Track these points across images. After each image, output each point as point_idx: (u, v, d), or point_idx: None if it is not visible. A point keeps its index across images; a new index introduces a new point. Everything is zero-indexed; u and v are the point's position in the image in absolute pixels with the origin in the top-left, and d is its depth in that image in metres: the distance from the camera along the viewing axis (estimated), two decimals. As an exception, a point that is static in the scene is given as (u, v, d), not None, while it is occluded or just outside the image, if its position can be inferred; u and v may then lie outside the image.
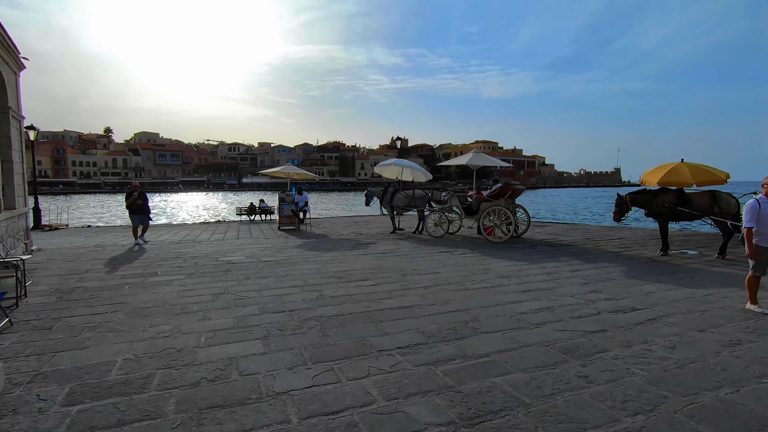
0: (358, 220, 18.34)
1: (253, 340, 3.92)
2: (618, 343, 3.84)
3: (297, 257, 8.58)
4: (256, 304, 5.17)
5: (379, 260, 8.21)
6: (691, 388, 3.00)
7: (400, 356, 3.55)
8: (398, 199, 12.73)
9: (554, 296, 5.46)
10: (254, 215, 18.29)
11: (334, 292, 5.70)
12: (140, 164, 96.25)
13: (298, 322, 4.46)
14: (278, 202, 14.36)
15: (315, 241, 11.30)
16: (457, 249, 9.61)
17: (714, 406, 2.77)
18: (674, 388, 2.99)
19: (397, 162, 13.53)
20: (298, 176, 16.08)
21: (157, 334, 4.11)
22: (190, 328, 4.26)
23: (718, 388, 2.99)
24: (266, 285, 6.16)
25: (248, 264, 7.81)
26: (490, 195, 10.89)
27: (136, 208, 10.57)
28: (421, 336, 4.03)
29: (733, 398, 2.87)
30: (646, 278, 6.51)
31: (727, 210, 8.26)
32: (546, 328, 4.26)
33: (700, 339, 3.94)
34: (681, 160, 8.78)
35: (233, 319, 4.55)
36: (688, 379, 3.13)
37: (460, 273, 6.94)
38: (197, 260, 8.23)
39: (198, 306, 5.07)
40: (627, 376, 3.16)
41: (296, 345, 3.81)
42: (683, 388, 2.98)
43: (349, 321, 4.49)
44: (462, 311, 4.82)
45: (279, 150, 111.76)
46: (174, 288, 5.98)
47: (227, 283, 6.31)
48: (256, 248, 9.85)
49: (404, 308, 4.96)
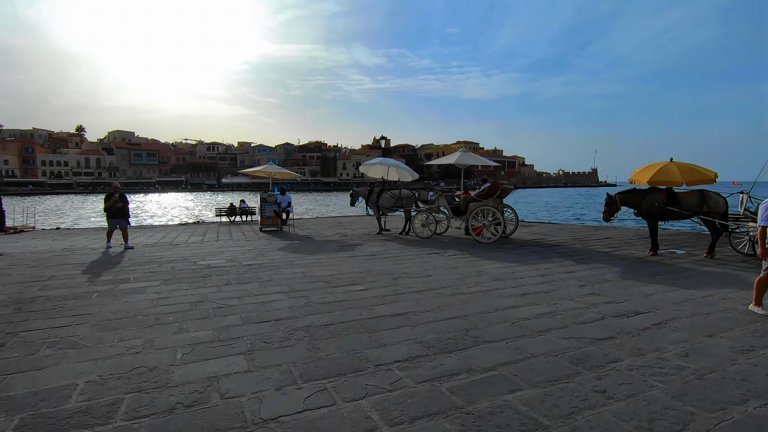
0: (342, 220, 17.95)
1: (235, 356, 3.54)
2: (629, 351, 3.62)
3: (281, 260, 8.17)
4: (238, 313, 4.77)
5: (367, 263, 7.88)
6: (717, 402, 2.77)
7: (400, 371, 3.23)
8: (384, 199, 12.42)
9: (553, 300, 5.23)
10: (234, 216, 17.70)
11: (323, 299, 5.34)
12: (114, 164, 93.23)
13: (285, 333, 4.09)
14: (260, 203, 13.87)
15: (299, 242, 10.88)
16: (446, 250, 9.35)
17: (746, 422, 2.55)
18: (699, 402, 2.76)
19: (383, 161, 13.23)
20: (281, 176, 15.59)
21: (126, 350, 3.68)
22: (165, 343, 3.84)
23: (745, 402, 2.78)
24: (249, 291, 5.75)
25: (229, 268, 7.37)
26: (478, 195, 10.69)
27: (115, 211, 9.84)
28: (420, 347, 3.72)
29: (763, 412, 2.65)
30: (642, 279, 6.37)
31: (716, 209, 8.25)
32: (551, 335, 4.01)
33: (711, 345, 3.75)
34: (670, 160, 8.74)
35: (213, 331, 4.14)
36: (711, 391, 2.91)
37: (453, 276, 6.67)
38: (174, 265, 7.73)
39: (174, 316, 4.63)
40: (646, 390, 2.92)
41: (284, 360, 3.45)
42: (709, 403, 2.76)
43: (341, 331, 4.15)
44: (460, 318, 4.54)
45: (259, 150, 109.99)
46: (147, 296, 5.51)
47: (206, 289, 5.87)
48: (237, 251, 9.38)
49: (399, 315, 4.64)
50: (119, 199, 9.90)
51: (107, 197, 9.91)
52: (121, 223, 10.01)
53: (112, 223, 9.92)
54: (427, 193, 12.10)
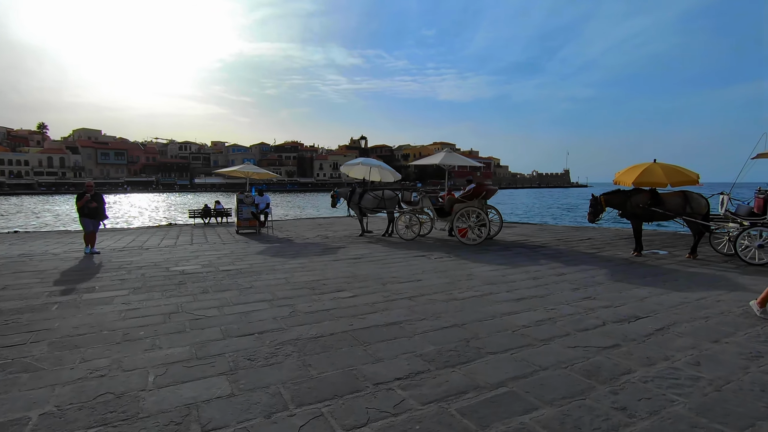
0: (322, 222, 17.53)
1: (216, 377, 3.17)
2: (638, 360, 3.44)
3: (261, 265, 7.74)
4: (217, 325, 4.37)
5: (353, 267, 7.56)
6: (743, 417, 2.61)
7: (402, 390, 2.94)
8: (367, 201, 12.13)
9: (550, 305, 5.06)
10: (209, 218, 17.03)
11: (309, 307, 4.99)
12: (80, 163, 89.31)
13: (270, 348, 3.73)
14: (236, 204, 13.32)
15: (279, 245, 10.44)
16: (432, 252, 9.13)
17: (777, 441, 2.38)
18: (725, 419, 2.59)
19: (365, 161, 12.92)
20: (258, 176, 15.05)
21: (90, 372, 3.25)
22: (135, 363, 3.42)
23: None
24: (228, 300, 5.34)
25: (205, 274, 6.90)
26: (463, 196, 10.53)
27: (89, 211, 9.10)
28: (421, 361, 3.44)
29: (792, 428, 2.50)
30: (632, 281, 6.30)
31: (698, 210, 8.32)
32: (555, 344, 3.80)
33: (719, 352, 3.62)
34: (653, 161, 8.79)
35: (190, 347, 3.74)
36: (733, 405, 2.75)
37: (444, 280, 6.43)
38: (144, 271, 7.20)
39: (145, 330, 4.19)
40: (668, 405, 2.73)
41: (272, 380, 3.10)
42: (734, 419, 2.59)
43: (332, 344, 3.82)
44: (458, 326, 4.29)
45: (234, 150, 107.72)
46: (115, 307, 5.03)
47: (181, 298, 5.42)
48: (213, 255, 8.88)
49: (392, 325, 4.35)
50: (92, 198, 9.17)
51: (79, 196, 9.18)
52: (96, 225, 9.33)
53: (87, 224, 9.18)
54: (410, 194, 11.87)
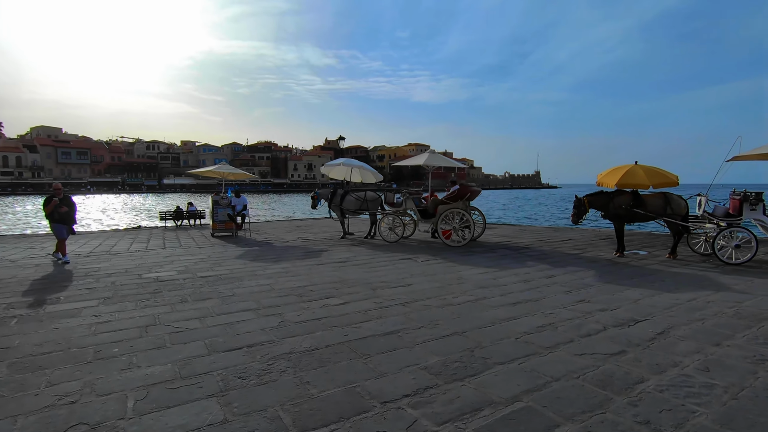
0: (300, 224, 17.11)
1: (205, 399, 2.86)
2: (648, 367, 3.35)
3: (241, 270, 7.36)
4: (200, 338, 4.02)
5: (339, 271, 7.29)
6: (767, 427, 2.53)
7: (413, 409, 2.72)
8: (349, 202, 11.86)
9: (547, 309, 4.96)
10: (181, 220, 16.33)
11: (299, 316, 4.71)
12: (38, 162, 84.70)
13: (262, 363, 3.44)
14: (211, 206, 12.77)
15: (258, 249, 10.04)
16: (418, 255, 8.96)
17: (807, 453, 2.30)
18: (751, 429, 2.50)
19: (347, 162, 12.65)
20: (234, 176, 14.52)
21: (58, 399, 2.87)
22: (110, 386, 3.06)
23: (794, 425, 2.55)
24: (210, 310, 4.98)
25: (182, 282, 6.48)
26: (448, 197, 10.43)
27: (59, 216, 8.28)
28: (427, 375, 3.23)
29: (817, 438, 2.43)
30: (622, 283, 6.30)
31: (678, 211, 8.49)
32: (561, 352, 3.68)
33: (724, 356, 3.58)
34: (635, 163, 8.92)
35: (172, 366, 3.40)
36: (755, 414, 2.67)
37: (434, 284, 6.26)
38: (114, 279, 6.70)
39: (119, 347, 3.81)
40: (690, 417, 2.63)
41: (268, 402, 2.82)
42: (760, 429, 2.50)
43: (329, 357, 3.57)
44: (458, 335, 4.11)
45: (205, 149, 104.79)
46: (83, 320, 4.59)
47: (157, 309, 5.02)
48: (190, 260, 8.41)
49: (390, 334, 4.13)
50: (61, 202, 8.33)
51: (46, 201, 8.31)
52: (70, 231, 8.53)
53: (60, 230, 8.34)
54: (393, 195, 11.68)
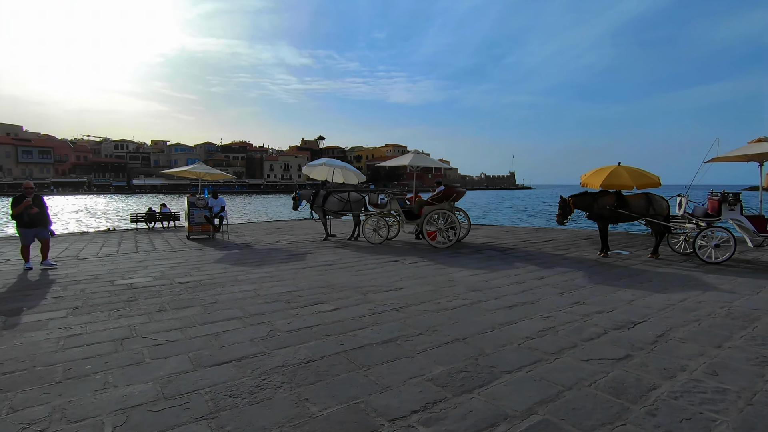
0: (279, 225, 16.68)
1: (194, 423, 2.58)
2: (657, 372, 3.26)
3: (222, 275, 6.99)
4: (183, 351, 3.71)
5: (326, 275, 7.03)
6: (789, 435, 2.45)
7: (425, 427, 2.53)
8: (331, 203, 11.59)
9: (544, 312, 4.86)
10: (154, 222, 15.64)
11: (289, 325, 4.44)
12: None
13: (255, 379, 3.17)
14: (187, 207, 12.24)
15: (238, 252, 9.64)
16: (405, 257, 8.79)
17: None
18: (774, 438, 2.42)
19: (329, 162, 12.38)
20: (211, 176, 13.99)
21: (22, 428, 2.53)
22: (84, 410, 2.74)
23: (815, 432, 2.49)
24: (191, 319, 4.64)
25: (159, 288, 6.08)
26: (433, 198, 10.31)
27: (29, 219, 7.51)
28: (433, 387, 3.04)
29: (840, 445, 2.37)
30: (612, 284, 6.30)
31: (660, 211, 8.62)
32: (567, 358, 3.56)
33: (728, 359, 3.54)
34: (618, 164, 9.02)
35: (154, 384, 3.09)
36: (773, 420, 2.60)
37: (426, 288, 6.09)
38: (84, 286, 6.24)
39: (92, 363, 3.46)
40: (712, 426, 2.53)
41: (265, 423, 2.57)
42: (783, 438, 2.43)
43: (327, 370, 3.33)
44: (459, 341, 3.94)
45: (177, 149, 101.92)
46: (50, 333, 4.18)
47: (133, 319, 4.65)
48: (166, 265, 7.96)
49: (388, 342, 3.92)
50: (33, 203, 7.58)
51: (15, 201, 7.53)
52: (39, 234, 7.73)
53: (26, 235, 7.59)
54: (377, 196, 11.47)
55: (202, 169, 13.28)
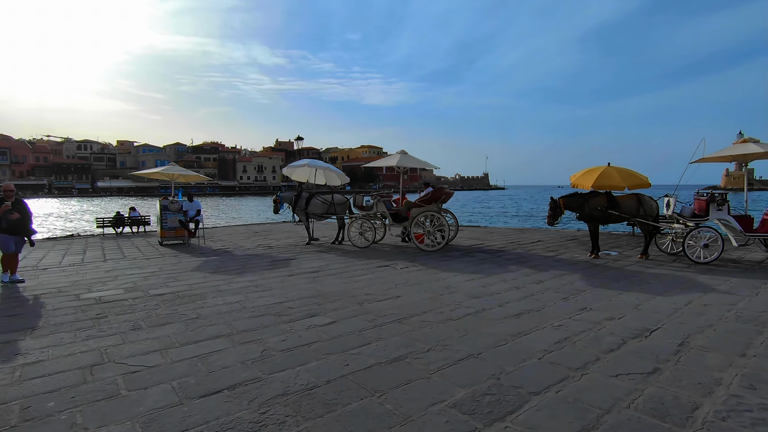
0: (257, 229, 16.04)
1: (186, 476, 2.14)
2: (693, 388, 3.03)
3: (202, 286, 6.45)
4: (165, 379, 3.23)
5: (314, 283, 6.59)
6: None
7: (461, 469, 2.18)
8: (315, 206, 11.13)
9: (554, 320, 4.60)
10: (122, 227, 14.73)
11: (283, 342, 4.01)
12: (-55, 163, 75.16)
13: (253, 413, 2.74)
14: (159, 211, 11.50)
15: (217, 259, 9.05)
16: (395, 261, 8.44)
17: None
18: (844, 465, 2.20)
19: (311, 163, 11.91)
20: (185, 178, 13.25)
21: (-34, 493, 2.03)
22: (46, 463, 2.25)
23: None
24: (172, 338, 4.14)
25: (132, 302, 5.50)
26: (421, 200, 10.02)
27: (9, 225, 6.54)
28: (459, 414, 2.69)
29: None
30: (612, 287, 6.15)
31: (650, 212, 8.61)
32: (594, 373, 3.29)
33: (758, 369, 3.35)
34: (608, 164, 8.97)
35: (132, 424, 2.61)
36: (834, 443, 2.39)
37: (424, 295, 5.76)
38: (45, 301, 5.58)
39: (56, 400, 2.94)
40: (774, 453, 2.29)
41: (272, 472, 2.16)
42: None
43: (335, 398, 2.93)
44: (474, 357, 3.62)
45: (145, 150, 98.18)
46: (4, 362, 3.60)
47: (104, 340, 4.10)
48: (138, 275, 7.32)
49: (398, 361, 3.55)
50: (13, 207, 6.62)
51: None
52: (19, 243, 6.79)
53: (6, 243, 6.62)
54: (362, 198, 11.09)
55: (175, 171, 12.54)
